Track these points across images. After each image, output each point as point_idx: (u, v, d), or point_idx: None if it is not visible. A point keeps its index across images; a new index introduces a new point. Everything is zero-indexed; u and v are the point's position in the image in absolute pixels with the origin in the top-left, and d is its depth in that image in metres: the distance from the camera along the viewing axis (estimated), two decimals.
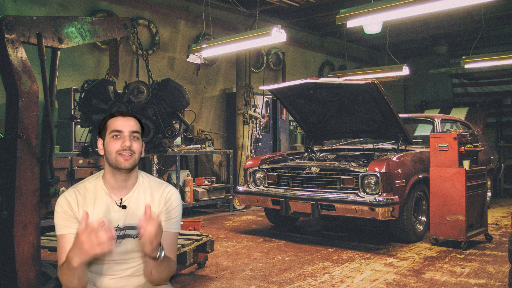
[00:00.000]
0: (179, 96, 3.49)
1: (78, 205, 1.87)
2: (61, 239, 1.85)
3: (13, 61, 2.54)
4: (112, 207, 1.90)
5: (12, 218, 2.52)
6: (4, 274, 2.55)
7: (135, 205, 1.92)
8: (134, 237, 1.90)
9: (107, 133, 1.87)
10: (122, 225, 1.89)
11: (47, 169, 2.73)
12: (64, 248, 1.82)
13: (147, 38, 7.36)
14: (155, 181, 2.02)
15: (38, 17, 2.75)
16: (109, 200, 1.90)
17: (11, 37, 2.55)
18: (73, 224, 1.85)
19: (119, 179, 1.90)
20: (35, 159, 2.64)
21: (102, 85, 3.42)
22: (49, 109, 2.76)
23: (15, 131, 2.55)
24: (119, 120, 1.87)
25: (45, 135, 2.74)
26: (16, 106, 2.56)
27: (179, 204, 2.01)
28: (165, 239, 1.90)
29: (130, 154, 1.85)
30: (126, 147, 1.84)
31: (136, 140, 1.88)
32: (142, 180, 1.99)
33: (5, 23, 2.52)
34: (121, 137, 1.85)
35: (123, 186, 1.92)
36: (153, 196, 1.96)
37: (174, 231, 1.98)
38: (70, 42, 2.95)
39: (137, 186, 1.96)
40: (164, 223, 1.92)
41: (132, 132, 1.87)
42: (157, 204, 1.95)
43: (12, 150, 2.55)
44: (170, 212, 1.96)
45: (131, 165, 1.86)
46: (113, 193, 1.91)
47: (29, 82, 2.61)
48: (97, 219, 1.80)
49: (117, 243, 1.87)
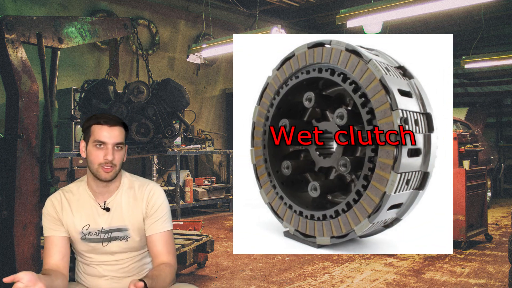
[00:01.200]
0: (179, 96, 3.49)
1: (62, 208, 1.89)
2: (46, 240, 1.89)
3: (13, 61, 2.55)
4: (96, 210, 1.90)
5: (12, 218, 2.52)
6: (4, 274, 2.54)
7: (119, 208, 1.91)
8: (121, 239, 1.90)
9: (90, 139, 1.83)
10: (107, 228, 1.89)
11: (47, 169, 2.73)
12: (49, 249, 1.86)
13: (147, 38, 7.36)
14: (138, 181, 1.99)
15: (38, 17, 2.75)
16: (93, 203, 1.91)
17: (11, 37, 2.56)
18: (58, 227, 1.88)
19: (101, 185, 1.90)
20: (35, 159, 2.64)
21: (102, 85, 3.42)
22: (49, 109, 2.76)
23: (15, 131, 2.55)
24: (103, 130, 1.81)
25: (45, 135, 2.74)
26: (16, 106, 2.56)
27: (163, 202, 1.97)
28: (158, 240, 1.90)
29: (111, 166, 1.83)
30: (108, 161, 1.81)
31: (119, 151, 1.85)
32: (125, 181, 1.97)
33: (5, 23, 2.53)
34: (104, 148, 1.82)
35: (105, 191, 1.91)
36: (136, 196, 1.94)
37: (165, 230, 1.93)
38: (70, 42, 2.95)
39: (120, 188, 1.94)
40: (152, 225, 1.91)
41: (116, 143, 1.84)
42: (140, 204, 1.93)
43: (12, 150, 2.55)
44: (156, 212, 1.93)
45: (111, 177, 1.86)
46: (97, 196, 1.91)
47: (29, 82, 2.61)
48: (81, 223, 1.88)
49: (103, 246, 1.88)
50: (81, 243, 1.89)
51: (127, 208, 1.92)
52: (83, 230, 1.88)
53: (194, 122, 7.48)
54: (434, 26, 9.67)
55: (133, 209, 1.92)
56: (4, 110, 2.71)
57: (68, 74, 6.41)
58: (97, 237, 1.88)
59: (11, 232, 2.51)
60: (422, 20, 9.25)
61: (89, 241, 1.88)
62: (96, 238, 1.88)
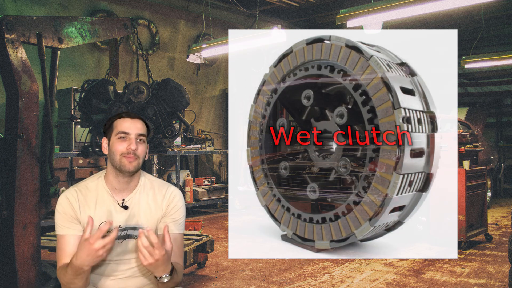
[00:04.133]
0: (179, 96, 3.49)
1: (80, 205, 1.86)
2: (61, 239, 1.84)
3: (13, 61, 2.55)
4: (114, 208, 1.89)
5: (12, 218, 2.52)
6: (4, 274, 2.55)
7: (137, 206, 1.91)
8: (135, 237, 1.88)
9: (113, 133, 1.86)
10: (124, 226, 1.89)
11: (47, 169, 2.74)
12: (64, 249, 1.81)
13: (147, 38, 7.36)
14: (158, 182, 2.01)
15: (38, 17, 2.75)
16: (111, 201, 1.89)
17: (11, 37, 2.56)
18: (74, 225, 1.84)
19: (122, 180, 1.89)
20: (35, 159, 2.64)
21: (102, 85, 3.42)
22: (49, 109, 2.76)
23: (15, 131, 2.55)
24: (126, 122, 1.86)
25: (45, 135, 2.74)
26: (16, 106, 2.56)
27: (183, 205, 2.00)
28: (173, 242, 1.89)
29: (134, 157, 1.84)
30: (131, 150, 1.83)
31: (142, 143, 1.88)
32: (144, 181, 1.98)
33: (5, 23, 2.53)
34: (127, 139, 1.84)
35: (125, 187, 1.91)
36: (156, 197, 1.95)
37: (180, 233, 1.97)
38: (70, 42, 2.95)
39: (139, 187, 1.95)
40: (169, 225, 1.91)
41: (139, 135, 1.86)
42: (159, 205, 1.94)
43: (12, 150, 2.55)
44: (175, 213, 1.95)
45: (135, 168, 1.86)
46: (115, 193, 1.90)
47: (29, 82, 2.61)
48: (99, 220, 1.82)
49: (118, 243, 1.87)
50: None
51: (145, 208, 1.92)
52: (100, 227, 1.86)
53: (194, 122, 7.49)
54: (434, 26, 9.66)
55: (151, 210, 1.93)
56: (4, 110, 2.71)
57: (68, 74, 6.41)
58: None
59: (11, 232, 2.51)
60: (422, 20, 9.24)
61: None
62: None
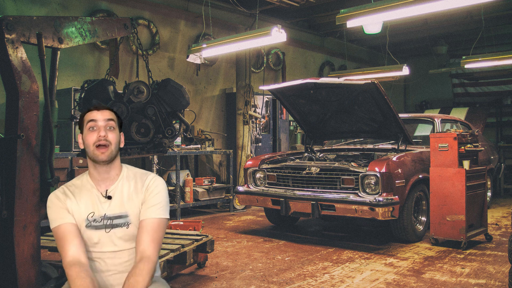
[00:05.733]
0: (179, 96, 3.49)
1: (67, 198, 1.96)
2: (58, 230, 1.90)
3: (13, 61, 2.54)
4: (98, 198, 1.97)
5: (12, 218, 2.52)
6: (4, 274, 2.55)
7: (120, 195, 1.99)
8: (122, 225, 1.96)
9: (84, 127, 1.96)
10: (110, 215, 1.96)
11: (47, 169, 2.73)
12: (65, 238, 1.88)
13: (147, 38, 7.36)
14: (140, 172, 2.08)
15: (38, 17, 2.75)
16: (95, 192, 1.99)
17: (11, 37, 2.55)
18: (66, 214, 1.93)
19: (101, 171, 1.98)
20: (35, 159, 2.64)
21: (102, 85, 3.42)
22: (49, 109, 2.75)
23: (15, 131, 2.55)
24: (93, 112, 1.96)
25: (45, 135, 2.74)
26: (16, 106, 2.56)
27: (161, 190, 2.02)
28: (146, 226, 1.92)
29: (106, 145, 1.92)
30: (101, 138, 1.91)
31: (112, 131, 1.96)
32: (127, 172, 2.06)
33: (5, 23, 2.52)
34: (96, 128, 1.93)
35: (106, 177, 2.00)
36: (137, 185, 2.02)
37: (156, 217, 1.94)
38: (70, 42, 2.95)
39: (121, 178, 2.02)
40: (146, 210, 1.96)
41: (107, 120, 1.95)
42: (139, 192, 2.00)
43: (12, 150, 2.55)
44: (152, 198, 1.98)
45: (108, 157, 1.94)
46: (98, 185, 2.00)
47: (29, 82, 2.61)
48: (85, 211, 1.94)
49: (106, 232, 1.94)
50: (86, 231, 1.93)
51: (127, 196, 1.99)
52: (88, 217, 1.94)
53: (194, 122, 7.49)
54: (434, 26, 9.67)
55: (133, 197, 1.99)
56: (4, 110, 2.71)
57: (68, 74, 6.41)
58: (101, 224, 1.94)
59: (11, 232, 2.51)
60: (422, 20, 9.25)
61: (94, 228, 1.93)
62: (100, 224, 1.94)
